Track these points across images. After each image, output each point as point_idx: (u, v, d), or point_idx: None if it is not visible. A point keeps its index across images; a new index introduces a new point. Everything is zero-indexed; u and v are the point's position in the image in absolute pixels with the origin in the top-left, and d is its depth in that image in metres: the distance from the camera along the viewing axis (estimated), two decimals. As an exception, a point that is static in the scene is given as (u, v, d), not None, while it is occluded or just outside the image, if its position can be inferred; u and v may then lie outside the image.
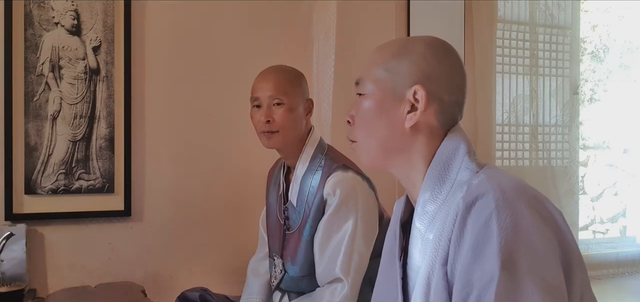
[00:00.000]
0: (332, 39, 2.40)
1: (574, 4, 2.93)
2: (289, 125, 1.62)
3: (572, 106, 2.93)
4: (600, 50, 3.59)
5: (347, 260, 1.55)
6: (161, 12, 2.17)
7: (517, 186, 0.88)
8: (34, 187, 2.01)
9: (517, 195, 0.85)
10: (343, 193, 1.56)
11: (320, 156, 1.66)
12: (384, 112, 1.00)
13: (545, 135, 2.87)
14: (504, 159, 2.81)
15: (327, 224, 1.58)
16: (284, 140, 1.64)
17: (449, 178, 0.95)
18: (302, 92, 1.67)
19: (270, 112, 1.62)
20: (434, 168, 0.97)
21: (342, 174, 1.58)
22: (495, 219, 0.82)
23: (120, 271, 2.13)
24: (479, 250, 0.82)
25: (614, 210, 3.77)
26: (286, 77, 1.64)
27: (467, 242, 0.84)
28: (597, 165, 3.75)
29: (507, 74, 2.80)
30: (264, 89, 1.63)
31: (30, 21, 1.99)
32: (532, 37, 2.84)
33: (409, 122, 0.98)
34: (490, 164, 0.97)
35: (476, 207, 0.85)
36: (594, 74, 3.58)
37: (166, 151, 2.19)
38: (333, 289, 1.55)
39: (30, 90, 1.99)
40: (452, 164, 0.96)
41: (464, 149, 0.97)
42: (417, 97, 0.97)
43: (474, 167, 0.94)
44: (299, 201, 1.64)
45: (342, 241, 1.56)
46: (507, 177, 0.91)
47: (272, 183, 1.81)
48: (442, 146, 0.98)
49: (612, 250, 3.15)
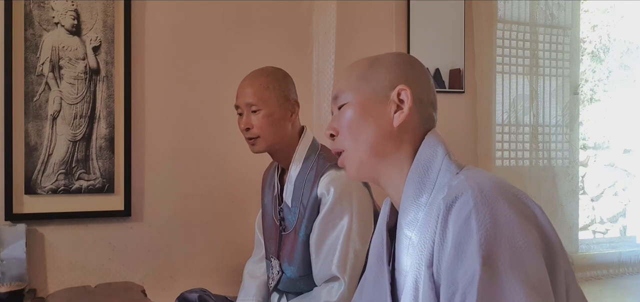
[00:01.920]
0: (332, 39, 2.40)
1: (574, 4, 2.93)
2: (268, 130, 1.62)
3: (572, 106, 2.93)
4: (600, 50, 3.59)
5: (343, 258, 1.55)
6: (161, 12, 2.18)
7: (496, 183, 0.89)
8: (34, 187, 2.01)
9: (496, 192, 0.86)
10: (337, 191, 1.56)
11: (313, 155, 1.66)
12: (370, 115, 1.01)
13: (546, 135, 2.87)
14: (504, 159, 2.81)
15: (323, 223, 1.58)
16: (267, 145, 1.64)
17: (429, 181, 0.96)
18: (281, 95, 1.64)
19: (249, 119, 1.63)
20: (414, 172, 0.98)
21: (336, 173, 1.58)
22: (474, 216, 0.83)
23: (120, 271, 2.13)
24: (461, 248, 0.83)
25: (614, 210, 3.77)
26: (262, 83, 1.63)
27: (449, 242, 0.85)
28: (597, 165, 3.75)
29: (507, 74, 2.80)
30: (242, 96, 1.64)
31: (30, 21, 1.99)
32: (532, 37, 2.84)
33: (397, 121, 1.00)
34: (469, 166, 0.98)
35: (456, 207, 0.86)
36: (594, 74, 3.58)
37: (166, 151, 2.19)
38: (330, 288, 1.55)
39: (30, 90, 1.99)
40: (432, 166, 0.97)
41: (443, 151, 0.98)
42: (402, 97, 1.00)
43: (454, 168, 0.96)
44: (294, 201, 1.64)
45: (337, 239, 1.56)
46: (486, 175, 0.91)
47: (267, 184, 1.81)
48: (420, 150, 1.00)
49: (612, 250, 3.15)
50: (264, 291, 1.80)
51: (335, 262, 1.55)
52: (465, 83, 2.72)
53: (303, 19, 2.40)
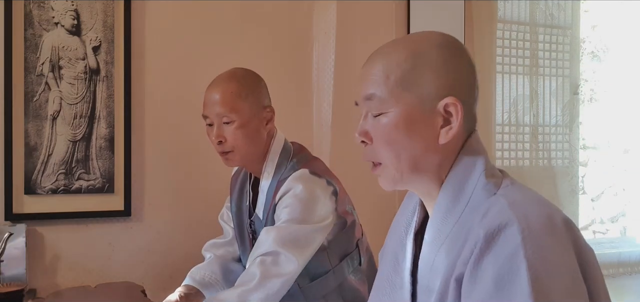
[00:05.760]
0: (332, 39, 2.40)
1: (574, 4, 2.93)
2: (243, 143, 1.50)
3: (572, 106, 2.93)
4: (600, 50, 3.59)
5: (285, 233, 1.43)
6: (161, 12, 2.17)
7: (541, 213, 0.82)
8: (34, 187, 2.00)
9: (543, 226, 0.80)
10: (296, 191, 1.46)
11: (285, 162, 1.55)
12: (414, 130, 0.90)
13: (546, 135, 2.87)
14: (504, 159, 2.81)
15: (278, 212, 1.49)
16: (242, 158, 1.53)
17: (464, 196, 0.89)
18: (255, 103, 1.51)
19: (221, 131, 1.49)
20: (449, 186, 0.91)
21: (296, 175, 1.49)
22: (522, 253, 0.76)
23: (120, 271, 2.13)
24: (503, 285, 0.77)
25: (614, 210, 3.76)
26: (234, 90, 1.48)
27: (488, 275, 0.78)
28: (597, 165, 3.74)
29: (507, 74, 2.80)
30: (211, 105, 1.49)
31: (30, 21, 1.99)
32: (532, 37, 2.84)
33: (444, 138, 0.90)
34: (506, 180, 0.91)
35: (500, 238, 0.79)
36: (594, 74, 3.58)
37: (166, 151, 2.19)
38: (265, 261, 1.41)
39: (30, 90, 1.99)
40: (468, 182, 0.90)
41: (482, 166, 0.91)
42: (450, 110, 0.90)
43: (492, 187, 0.88)
44: (265, 213, 1.55)
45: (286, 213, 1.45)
46: (529, 199, 0.85)
47: (236, 190, 1.70)
48: (459, 163, 0.92)
49: (612, 250, 3.15)
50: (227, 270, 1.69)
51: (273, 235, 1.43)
52: (465, 83, 2.72)
53: (303, 19, 2.39)
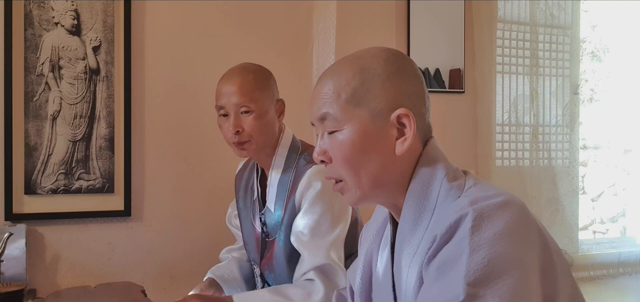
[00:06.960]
0: (332, 39, 2.40)
1: (574, 4, 2.93)
2: (260, 133, 1.50)
3: (572, 106, 2.93)
4: (600, 50, 3.59)
5: (327, 252, 1.44)
6: (161, 12, 2.17)
7: (497, 204, 0.81)
8: (34, 187, 2.00)
9: (496, 215, 0.79)
10: (317, 187, 1.47)
11: (294, 156, 1.56)
12: (369, 143, 0.91)
13: (546, 135, 2.87)
14: (504, 159, 2.81)
15: (303, 218, 1.49)
16: (257, 149, 1.53)
17: (428, 205, 0.89)
18: (271, 94, 1.54)
19: (239, 121, 1.49)
20: (411, 197, 0.91)
21: (313, 171, 1.49)
22: (468, 239, 0.77)
23: (120, 271, 2.13)
24: (444, 268, 0.78)
25: (614, 210, 3.77)
26: (252, 81, 1.50)
27: (436, 262, 0.80)
28: (597, 165, 3.75)
29: (507, 74, 2.80)
30: (229, 95, 1.50)
31: (30, 21, 1.99)
32: (532, 37, 2.84)
33: (400, 149, 0.90)
34: (469, 181, 0.90)
35: (456, 232, 0.79)
36: (594, 74, 3.58)
37: (166, 151, 2.19)
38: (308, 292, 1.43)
39: (30, 90, 1.99)
40: (430, 189, 0.90)
41: (442, 172, 0.91)
42: (403, 121, 0.90)
43: (455, 192, 0.88)
44: (277, 204, 1.55)
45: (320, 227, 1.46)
46: (489, 196, 0.83)
47: (242, 187, 1.70)
48: (418, 172, 0.92)
49: (612, 250, 3.15)
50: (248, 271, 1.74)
51: (323, 252, 1.44)
52: (466, 83, 2.72)
53: (303, 19, 2.39)
